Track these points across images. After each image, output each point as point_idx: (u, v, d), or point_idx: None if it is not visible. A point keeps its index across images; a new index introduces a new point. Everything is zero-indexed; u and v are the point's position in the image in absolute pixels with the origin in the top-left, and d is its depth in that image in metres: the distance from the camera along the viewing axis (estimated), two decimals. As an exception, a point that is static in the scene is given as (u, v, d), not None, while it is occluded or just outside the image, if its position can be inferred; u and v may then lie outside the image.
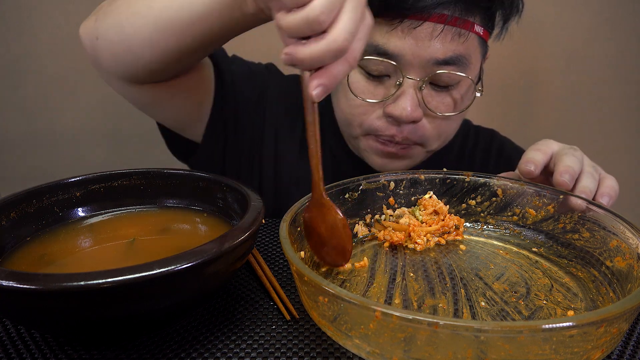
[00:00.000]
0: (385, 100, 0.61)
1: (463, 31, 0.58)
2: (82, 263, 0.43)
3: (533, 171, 0.53)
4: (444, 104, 0.62)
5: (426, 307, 0.42)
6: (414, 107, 0.59)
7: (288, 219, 0.44)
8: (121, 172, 0.52)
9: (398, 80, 0.59)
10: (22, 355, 0.38)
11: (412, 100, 0.59)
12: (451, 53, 0.58)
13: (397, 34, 0.57)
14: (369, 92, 0.62)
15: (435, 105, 0.61)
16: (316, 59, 0.37)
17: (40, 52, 1.20)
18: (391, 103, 0.60)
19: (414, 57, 0.58)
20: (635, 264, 0.41)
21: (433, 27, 0.56)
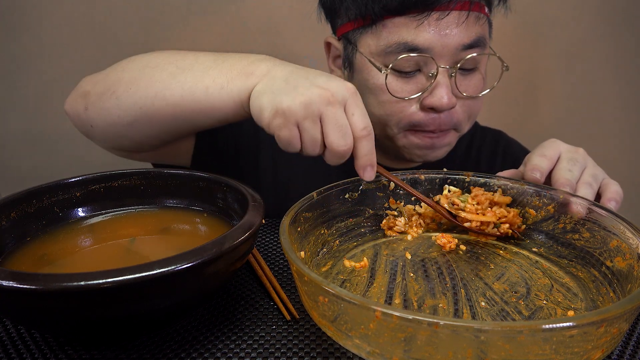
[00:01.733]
0: (421, 94, 0.63)
1: (480, 15, 0.61)
2: (82, 263, 0.43)
3: (539, 179, 0.54)
4: (472, 85, 0.65)
5: (426, 307, 0.42)
6: (450, 95, 0.62)
7: (288, 219, 0.44)
8: (121, 172, 0.52)
9: (431, 72, 0.61)
10: (22, 355, 0.38)
11: (447, 88, 0.62)
12: (474, 36, 0.61)
13: (424, 28, 0.59)
14: (402, 90, 0.63)
15: (464, 88, 0.64)
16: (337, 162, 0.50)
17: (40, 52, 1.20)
18: (428, 95, 0.62)
19: (443, 47, 0.60)
20: (635, 264, 0.41)
21: (458, 15, 0.59)
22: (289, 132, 0.47)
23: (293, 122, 0.47)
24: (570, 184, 0.52)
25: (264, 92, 0.49)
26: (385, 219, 0.56)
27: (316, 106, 0.47)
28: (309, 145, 0.48)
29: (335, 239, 0.52)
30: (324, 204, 0.51)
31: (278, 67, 0.51)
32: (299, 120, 0.47)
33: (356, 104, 0.49)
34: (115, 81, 0.57)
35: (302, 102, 0.46)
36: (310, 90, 0.47)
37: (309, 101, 0.46)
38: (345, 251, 0.52)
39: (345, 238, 0.53)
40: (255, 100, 0.49)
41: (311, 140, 0.48)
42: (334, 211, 0.53)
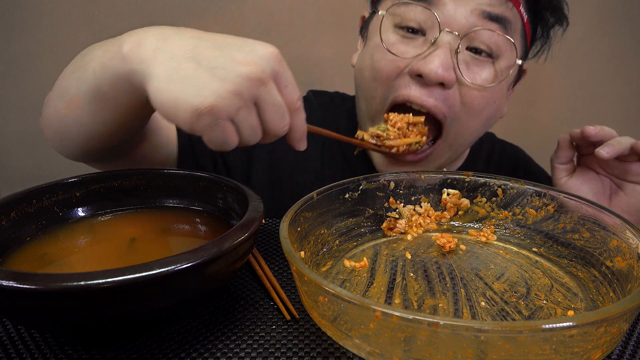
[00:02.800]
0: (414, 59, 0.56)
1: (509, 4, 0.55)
2: (82, 263, 0.43)
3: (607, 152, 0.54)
4: (481, 74, 0.57)
5: (426, 307, 0.42)
6: (446, 66, 0.54)
7: (288, 219, 0.44)
8: (121, 172, 0.52)
9: (434, 36, 0.55)
10: (22, 355, 0.38)
11: (444, 57, 0.54)
12: (499, 12, 0.53)
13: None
14: (397, 50, 0.57)
15: (471, 75, 0.57)
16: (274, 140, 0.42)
17: (40, 52, 1.20)
18: (421, 60, 0.55)
19: (457, 5, 0.53)
20: (635, 264, 0.41)
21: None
22: (222, 131, 0.38)
23: (225, 117, 0.37)
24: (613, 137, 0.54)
25: (167, 82, 0.37)
26: (386, 220, 0.56)
27: (248, 92, 0.38)
28: (249, 136, 0.40)
29: (335, 239, 0.52)
30: (324, 204, 0.51)
31: (172, 39, 0.39)
32: (232, 114, 0.37)
33: (285, 72, 0.41)
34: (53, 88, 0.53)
35: (231, 91, 0.37)
36: (235, 70, 0.37)
37: (239, 89, 0.37)
38: (345, 251, 0.52)
39: (345, 238, 0.53)
40: (159, 94, 0.37)
41: (250, 130, 0.39)
42: (334, 211, 0.53)
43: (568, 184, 0.62)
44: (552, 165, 0.64)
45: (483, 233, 0.55)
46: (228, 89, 0.36)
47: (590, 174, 0.62)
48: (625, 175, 0.59)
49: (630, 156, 0.57)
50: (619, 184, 0.61)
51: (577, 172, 0.63)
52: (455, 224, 0.58)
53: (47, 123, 0.54)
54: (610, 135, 0.57)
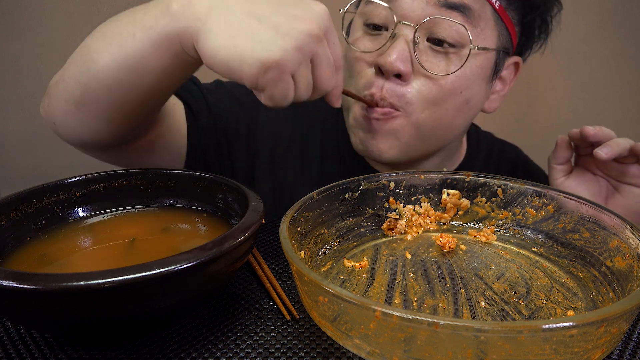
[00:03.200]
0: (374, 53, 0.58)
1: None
2: (82, 263, 0.43)
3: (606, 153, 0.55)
4: (440, 66, 0.57)
5: (426, 307, 0.42)
6: (401, 57, 0.55)
7: (288, 219, 0.44)
8: (121, 172, 0.52)
9: (395, 31, 0.56)
10: (22, 355, 0.38)
11: (400, 49, 0.55)
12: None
13: None
14: (362, 47, 0.60)
15: (430, 66, 0.57)
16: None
17: (40, 52, 1.20)
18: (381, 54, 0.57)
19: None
20: (635, 264, 0.41)
21: None
22: (285, 85, 0.40)
23: (289, 72, 0.40)
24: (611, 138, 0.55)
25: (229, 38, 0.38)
26: (386, 221, 0.56)
27: (308, 48, 0.40)
28: (304, 91, 0.43)
29: (335, 239, 0.52)
30: (324, 204, 0.51)
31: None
32: (295, 69, 0.40)
33: (333, 30, 0.44)
34: (64, 68, 0.52)
35: (295, 47, 0.39)
36: (296, 27, 0.39)
37: (301, 45, 0.39)
38: (345, 251, 0.52)
39: (345, 238, 0.53)
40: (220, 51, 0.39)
41: (306, 85, 0.42)
42: (334, 211, 0.53)
43: (565, 184, 0.62)
44: (549, 165, 0.64)
45: (483, 233, 0.55)
46: (292, 45, 0.39)
47: (587, 175, 0.62)
48: (622, 177, 0.59)
49: (629, 158, 0.57)
50: (615, 186, 0.61)
51: (574, 173, 0.63)
52: (455, 224, 0.58)
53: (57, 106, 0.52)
54: (609, 136, 0.57)
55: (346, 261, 0.48)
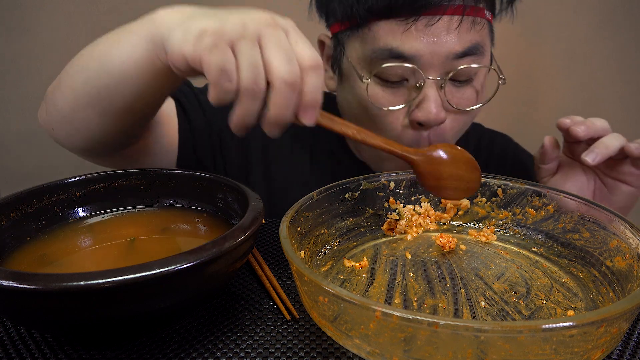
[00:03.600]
0: (408, 106, 0.59)
1: (478, 19, 0.56)
2: (82, 263, 0.43)
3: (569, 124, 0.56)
4: (465, 98, 0.60)
5: (426, 307, 0.42)
6: (439, 109, 0.57)
7: (288, 219, 0.44)
8: (121, 172, 0.52)
9: (418, 82, 0.57)
10: (22, 355, 0.38)
11: (436, 101, 0.57)
12: (469, 44, 0.56)
13: (411, 34, 0.55)
14: (387, 102, 0.59)
15: (457, 101, 0.59)
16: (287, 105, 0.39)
17: (40, 52, 1.20)
18: (415, 108, 0.58)
19: (432, 55, 0.55)
20: (635, 264, 0.41)
21: (449, 21, 0.55)
22: (221, 55, 0.37)
23: (226, 41, 0.37)
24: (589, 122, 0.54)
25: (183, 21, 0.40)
26: (386, 222, 0.56)
27: (253, 26, 0.38)
28: (248, 73, 0.37)
29: (335, 239, 0.52)
30: (324, 204, 0.51)
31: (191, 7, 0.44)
32: (233, 40, 0.37)
33: (299, 34, 0.40)
34: (60, 76, 0.53)
35: (236, 22, 0.38)
36: (244, 14, 0.39)
37: (243, 21, 0.38)
38: (345, 251, 0.52)
39: (345, 238, 0.53)
40: (173, 34, 0.40)
41: (250, 65, 0.37)
42: (334, 211, 0.53)
43: (551, 181, 0.62)
44: (536, 165, 0.64)
45: (483, 233, 0.55)
46: (233, 21, 0.38)
47: (574, 170, 0.61)
48: (611, 172, 0.59)
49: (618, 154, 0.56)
50: (603, 181, 0.60)
51: (561, 169, 0.62)
52: (455, 224, 0.58)
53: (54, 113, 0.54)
54: (600, 130, 0.55)
55: (346, 261, 0.48)
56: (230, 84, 0.37)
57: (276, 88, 0.38)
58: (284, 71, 0.37)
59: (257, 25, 0.38)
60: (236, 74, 0.37)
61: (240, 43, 0.37)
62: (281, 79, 0.37)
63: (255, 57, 0.37)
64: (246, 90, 0.38)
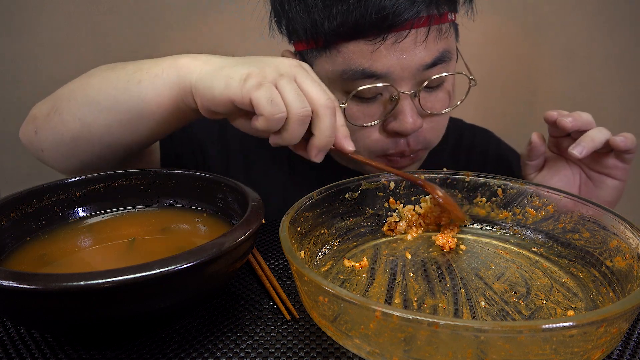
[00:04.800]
0: (383, 120, 0.60)
1: (443, 25, 0.57)
2: (82, 263, 0.43)
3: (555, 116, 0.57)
4: (439, 101, 0.61)
5: (426, 307, 0.42)
6: (415, 117, 0.58)
7: (288, 219, 0.44)
8: (121, 172, 0.52)
9: (392, 96, 0.58)
10: (22, 355, 0.38)
11: (411, 111, 0.58)
12: (437, 53, 0.57)
13: (381, 53, 0.55)
14: (364, 116, 0.60)
15: (431, 105, 0.61)
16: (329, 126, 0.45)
17: (40, 52, 1.20)
18: (392, 120, 0.60)
19: (403, 70, 0.56)
20: (635, 264, 0.41)
21: (416, 34, 0.55)
22: (269, 89, 0.43)
23: (269, 80, 0.43)
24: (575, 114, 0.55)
25: (218, 70, 0.46)
26: (386, 223, 0.56)
27: (287, 68, 0.45)
28: (296, 100, 0.43)
29: (335, 239, 0.52)
30: (324, 204, 0.51)
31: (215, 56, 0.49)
32: (275, 79, 0.44)
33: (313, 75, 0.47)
34: (57, 99, 0.55)
35: (272, 66, 0.45)
36: (274, 59, 0.46)
37: (277, 64, 0.45)
38: (345, 251, 0.52)
39: (345, 238, 0.53)
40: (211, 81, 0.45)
41: (296, 95, 0.43)
42: (334, 211, 0.53)
43: (538, 177, 0.63)
44: (522, 161, 0.64)
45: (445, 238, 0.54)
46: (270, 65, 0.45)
47: (560, 164, 0.62)
48: (596, 166, 0.59)
49: (604, 148, 0.56)
50: (589, 175, 0.61)
51: (547, 164, 0.63)
52: (455, 224, 0.58)
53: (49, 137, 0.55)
54: (586, 123, 0.56)
55: (346, 261, 0.48)
56: (281, 113, 0.43)
57: (321, 114, 0.44)
58: (323, 99, 0.44)
59: (289, 67, 0.45)
60: (284, 105, 0.43)
61: (282, 80, 0.44)
62: (324, 106, 0.44)
63: (298, 90, 0.44)
64: (296, 116, 0.43)
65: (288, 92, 0.43)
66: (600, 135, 0.55)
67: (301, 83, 0.45)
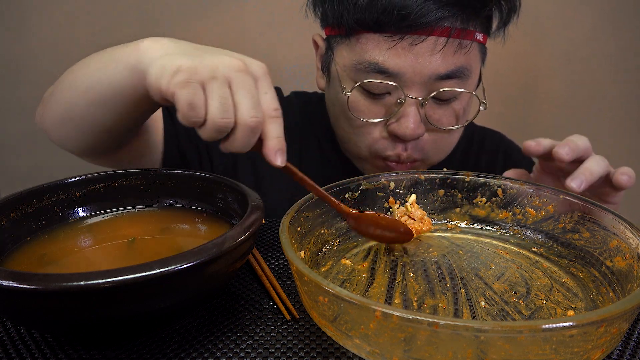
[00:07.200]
0: (387, 119, 0.60)
1: (465, 42, 0.57)
2: (82, 263, 0.43)
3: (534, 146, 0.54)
4: (446, 116, 0.61)
5: (426, 307, 0.42)
6: (417, 125, 0.59)
7: (288, 219, 0.44)
8: (121, 172, 0.52)
9: (399, 98, 0.58)
10: (22, 355, 0.38)
11: (414, 118, 0.58)
12: (453, 67, 0.57)
13: (396, 51, 0.56)
14: (369, 111, 0.61)
15: (437, 119, 0.61)
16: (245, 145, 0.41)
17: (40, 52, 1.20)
18: (394, 122, 0.60)
19: (415, 74, 0.56)
20: (635, 264, 0.41)
21: (435, 42, 0.55)
22: (192, 90, 0.39)
23: (197, 79, 0.40)
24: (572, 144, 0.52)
25: (161, 57, 0.43)
26: None
27: (225, 69, 0.41)
28: (217, 110, 0.39)
29: (335, 239, 0.52)
30: (324, 204, 0.51)
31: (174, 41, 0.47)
32: (205, 79, 0.40)
33: (269, 84, 0.43)
34: (56, 83, 0.57)
35: (209, 64, 0.40)
36: (219, 57, 0.41)
37: (216, 64, 0.40)
38: (345, 251, 0.52)
39: (345, 238, 0.53)
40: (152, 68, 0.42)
41: (220, 103, 0.39)
42: (334, 211, 0.53)
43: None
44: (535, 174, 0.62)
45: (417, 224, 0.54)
46: (206, 63, 0.40)
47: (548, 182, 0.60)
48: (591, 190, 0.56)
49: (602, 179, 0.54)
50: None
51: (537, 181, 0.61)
52: (453, 223, 0.58)
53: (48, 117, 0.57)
54: (584, 151, 0.53)
55: (346, 261, 0.48)
56: (197, 118, 0.40)
57: (239, 129, 0.40)
58: (247, 116, 0.40)
59: (229, 69, 0.41)
60: (204, 109, 0.40)
61: (213, 82, 0.40)
62: (245, 124, 0.40)
63: (225, 96, 0.40)
64: (214, 124, 0.40)
65: (212, 97, 0.40)
66: (599, 169, 0.52)
67: (234, 92, 0.41)
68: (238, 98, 0.40)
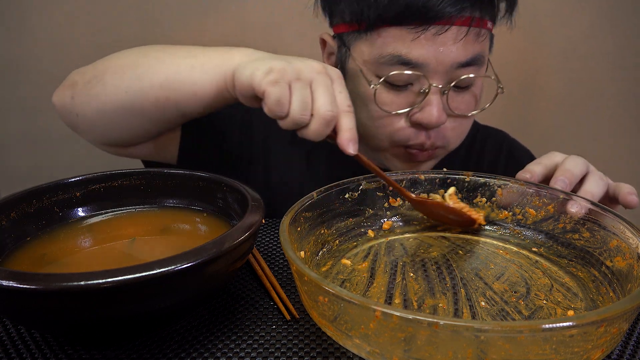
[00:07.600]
0: (410, 109, 0.61)
1: (482, 30, 0.59)
2: (82, 263, 0.43)
3: (529, 179, 0.54)
4: (465, 102, 0.63)
5: (426, 307, 0.42)
6: (440, 112, 0.60)
7: (288, 219, 0.44)
8: (121, 172, 0.52)
9: (423, 88, 0.60)
10: (22, 355, 0.38)
11: (438, 106, 0.60)
12: (472, 54, 0.59)
13: (420, 42, 0.57)
14: (392, 103, 0.62)
15: (456, 105, 0.62)
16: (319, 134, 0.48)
17: (40, 52, 1.20)
18: (418, 111, 0.61)
19: (438, 64, 0.58)
20: (635, 264, 0.41)
21: (457, 31, 0.57)
22: (281, 89, 0.46)
23: (286, 79, 0.47)
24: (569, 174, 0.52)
25: (253, 61, 0.50)
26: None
27: (308, 73, 0.48)
28: (298, 107, 0.47)
29: (335, 239, 0.52)
30: (324, 203, 0.51)
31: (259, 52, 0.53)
32: (291, 80, 0.47)
33: (343, 85, 0.50)
34: (102, 69, 0.58)
35: (295, 67, 0.48)
36: (303, 61, 0.49)
37: (301, 67, 0.48)
38: (345, 251, 0.52)
39: (345, 238, 0.53)
40: (244, 69, 0.49)
41: (301, 102, 0.47)
42: (334, 211, 0.53)
43: None
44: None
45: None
46: (293, 66, 0.48)
47: None
48: None
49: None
50: None
51: None
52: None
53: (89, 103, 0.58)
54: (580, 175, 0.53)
55: (346, 261, 0.48)
56: (281, 113, 0.47)
57: (315, 120, 0.47)
58: (324, 110, 0.47)
59: (311, 71, 0.48)
60: (288, 106, 0.47)
61: (297, 83, 0.47)
62: (321, 116, 0.47)
63: (306, 96, 0.47)
64: (294, 119, 0.47)
65: (295, 96, 0.47)
66: (599, 190, 0.52)
67: (314, 89, 0.47)
68: (317, 95, 0.47)
